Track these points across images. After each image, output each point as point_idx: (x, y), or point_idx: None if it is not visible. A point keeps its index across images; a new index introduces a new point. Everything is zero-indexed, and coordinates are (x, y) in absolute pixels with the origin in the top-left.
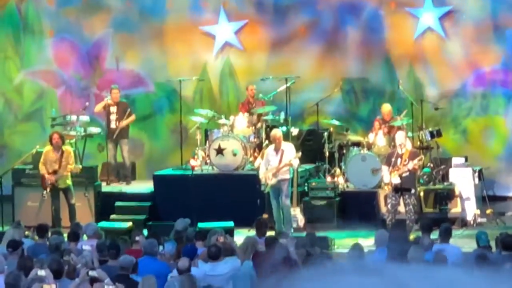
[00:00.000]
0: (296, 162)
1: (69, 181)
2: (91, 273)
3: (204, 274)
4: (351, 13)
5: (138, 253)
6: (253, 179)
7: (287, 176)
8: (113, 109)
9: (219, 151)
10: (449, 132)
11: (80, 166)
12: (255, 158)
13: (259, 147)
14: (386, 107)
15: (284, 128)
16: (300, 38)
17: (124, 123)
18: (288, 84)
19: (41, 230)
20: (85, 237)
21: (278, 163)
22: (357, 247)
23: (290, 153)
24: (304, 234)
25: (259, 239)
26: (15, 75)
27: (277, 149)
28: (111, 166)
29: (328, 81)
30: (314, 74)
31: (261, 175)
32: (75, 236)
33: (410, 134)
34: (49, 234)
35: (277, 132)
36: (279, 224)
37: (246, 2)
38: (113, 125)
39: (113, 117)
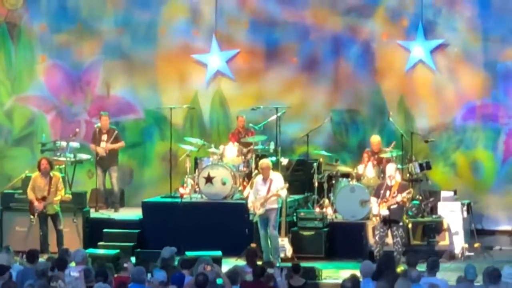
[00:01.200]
0: (284, 193)
1: (57, 207)
2: None
3: None
4: (343, 45)
5: (126, 280)
6: (242, 208)
7: (275, 205)
8: (104, 136)
9: (209, 179)
10: (438, 165)
11: (70, 196)
12: (244, 187)
13: (249, 177)
14: (375, 138)
15: (274, 158)
16: (291, 68)
17: (110, 146)
18: (279, 114)
19: (31, 255)
20: (73, 263)
21: (266, 193)
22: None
23: (279, 183)
24: (290, 264)
25: (247, 269)
26: (6, 99)
27: (265, 179)
28: (100, 192)
29: (318, 112)
30: (304, 105)
31: (250, 204)
32: (63, 262)
33: (399, 166)
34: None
35: (264, 161)
36: (267, 253)
37: (238, 31)
38: (103, 153)
39: (103, 144)
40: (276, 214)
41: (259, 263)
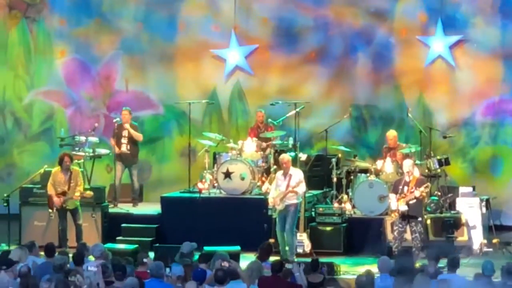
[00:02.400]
0: (301, 189)
1: (77, 202)
2: None
3: None
4: (362, 40)
5: (144, 275)
6: (260, 204)
7: (294, 201)
8: (125, 132)
9: (227, 174)
10: (457, 161)
11: (92, 193)
12: (263, 182)
13: (267, 172)
14: (391, 133)
15: (293, 153)
16: (310, 63)
17: (131, 131)
18: (298, 110)
19: (49, 250)
20: (91, 257)
21: (285, 188)
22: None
23: (297, 179)
24: (309, 259)
25: (265, 264)
26: (25, 94)
27: (285, 174)
28: (115, 187)
29: (337, 107)
30: (323, 100)
31: (270, 200)
32: (80, 257)
33: (418, 162)
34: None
35: (284, 157)
36: (284, 249)
37: (257, 26)
38: (123, 148)
39: (124, 140)
40: (295, 210)
41: (277, 258)
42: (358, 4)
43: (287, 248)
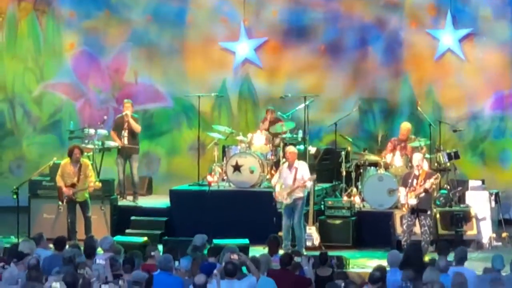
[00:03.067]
0: (310, 184)
1: (86, 194)
2: (104, 287)
3: None
4: (372, 33)
5: (153, 268)
6: (269, 197)
7: (301, 194)
8: (126, 124)
9: (236, 167)
10: (466, 155)
11: (100, 184)
12: (272, 175)
13: (277, 165)
14: (405, 125)
15: (302, 147)
16: (320, 56)
17: (131, 121)
18: (307, 103)
19: (59, 242)
20: (99, 250)
21: (292, 182)
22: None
23: (304, 172)
24: (318, 253)
25: (274, 257)
26: (35, 86)
27: (290, 165)
28: (119, 182)
29: (347, 101)
30: (332, 93)
31: (277, 193)
32: (90, 249)
33: (427, 155)
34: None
35: (289, 149)
36: (287, 242)
37: (266, 19)
38: (125, 141)
39: (124, 133)
40: (303, 203)
41: (280, 252)
42: None
43: (296, 241)
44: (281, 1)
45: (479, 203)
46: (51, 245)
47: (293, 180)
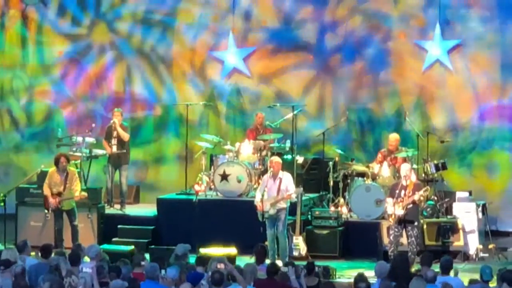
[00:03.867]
0: (294, 196)
1: (73, 203)
2: None
3: None
4: (360, 44)
5: (141, 277)
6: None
7: (285, 205)
8: (115, 133)
9: (224, 177)
10: (454, 166)
11: (86, 194)
12: (259, 185)
13: (264, 174)
14: (393, 137)
15: (290, 156)
16: (308, 66)
17: (119, 130)
18: (295, 112)
19: (45, 250)
20: (86, 259)
21: (276, 192)
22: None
23: (288, 183)
24: (305, 263)
25: (260, 266)
26: (23, 94)
27: (274, 177)
28: (107, 190)
29: (334, 111)
30: (321, 103)
31: (257, 203)
32: (76, 257)
33: (415, 166)
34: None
35: (274, 158)
36: (273, 253)
37: (255, 28)
38: (114, 149)
39: (114, 141)
40: (286, 214)
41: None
42: (356, 8)
43: (280, 251)
44: (270, 10)
45: (466, 214)
46: (33, 253)
47: (277, 191)
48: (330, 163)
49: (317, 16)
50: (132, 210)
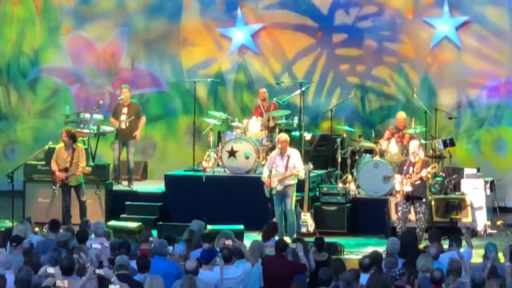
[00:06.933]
0: (303, 173)
1: (80, 178)
2: (98, 271)
3: (218, 278)
4: (368, 21)
5: (147, 253)
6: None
7: (292, 182)
8: (124, 109)
9: (232, 153)
10: (462, 142)
11: (90, 168)
12: (267, 161)
13: (272, 151)
14: (401, 115)
15: (297, 133)
16: (316, 43)
17: (139, 131)
18: (303, 89)
19: (53, 225)
20: (93, 235)
21: (284, 169)
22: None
23: (296, 160)
24: (313, 239)
25: (267, 243)
26: (30, 71)
27: (282, 154)
28: (115, 167)
29: (343, 87)
30: (329, 80)
31: (264, 179)
32: (84, 234)
33: (423, 142)
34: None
35: (282, 136)
36: (281, 230)
37: (263, 5)
38: (122, 126)
39: (123, 117)
40: (294, 190)
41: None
42: None
43: (288, 228)
44: None
45: (474, 191)
46: (37, 229)
47: (285, 167)
48: (338, 139)
49: None
50: (140, 186)
